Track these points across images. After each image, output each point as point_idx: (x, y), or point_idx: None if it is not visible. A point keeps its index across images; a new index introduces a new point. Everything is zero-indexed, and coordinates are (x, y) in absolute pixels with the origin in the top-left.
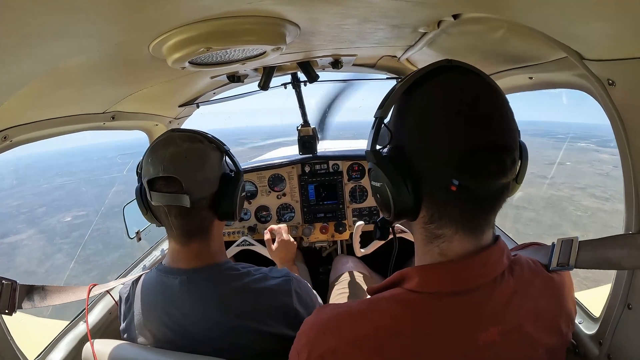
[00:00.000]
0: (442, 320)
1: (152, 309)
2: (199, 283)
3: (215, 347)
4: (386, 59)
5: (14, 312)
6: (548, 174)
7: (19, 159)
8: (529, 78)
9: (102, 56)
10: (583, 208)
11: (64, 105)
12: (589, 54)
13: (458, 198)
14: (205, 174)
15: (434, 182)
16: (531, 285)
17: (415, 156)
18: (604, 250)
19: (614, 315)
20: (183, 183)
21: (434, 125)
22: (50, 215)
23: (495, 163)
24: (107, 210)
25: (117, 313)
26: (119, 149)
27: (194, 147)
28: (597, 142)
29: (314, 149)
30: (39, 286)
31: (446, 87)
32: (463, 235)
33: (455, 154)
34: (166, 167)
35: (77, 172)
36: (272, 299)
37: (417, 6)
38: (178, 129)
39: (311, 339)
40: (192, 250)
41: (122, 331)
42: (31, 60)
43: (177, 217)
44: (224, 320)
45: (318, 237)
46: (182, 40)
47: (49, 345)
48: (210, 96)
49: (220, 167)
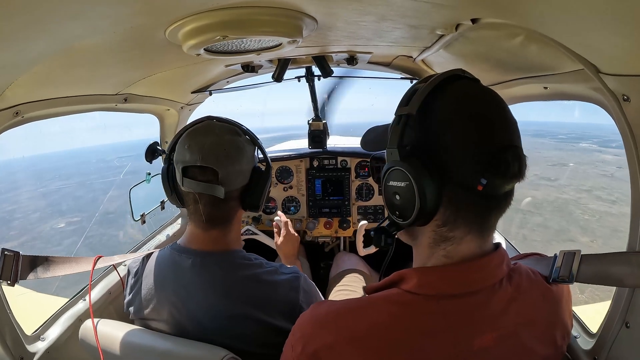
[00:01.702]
0: (438, 322)
1: (161, 285)
2: (209, 267)
3: (217, 332)
4: (401, 59)
5: (16, 283)
6: (552, 175)
7: (17, 161)
8: (543, 88)
9: (118, 38)
10: (590, 211)
11: (77, 85)
12: (606, 67)
13: (479, 198)
14: (240, 167)
15: (459, 182)
16: (529, 294)
17: (442, 155)
18: (606, 266)
19: (611, 333)
20: (220, 174)
21: (459, 126)
22: (43, 222)
23: (518, 163)
24: (101, 217)
25: (116, 294)
26: (118, 151)
27: (233, 139)
28: (598, 143)
29: (324, 143)
30: (43, 257)
31: (468, 91)
32: (473, 237)
33: (483, 154)
34: (205, 156)
35: (73, 176)
36: (279, 292)
37: (436, 8)
38: (215, 117)
39: (306, 333)
40: (211, 235)
41: (127, 303)
42: (46, 39)
43: (206, 205)
44: (228, 306)
45: (321, 232)
46: (198, 27)
47: (47, 321)
48: (224, 84)
49: (253, 160)
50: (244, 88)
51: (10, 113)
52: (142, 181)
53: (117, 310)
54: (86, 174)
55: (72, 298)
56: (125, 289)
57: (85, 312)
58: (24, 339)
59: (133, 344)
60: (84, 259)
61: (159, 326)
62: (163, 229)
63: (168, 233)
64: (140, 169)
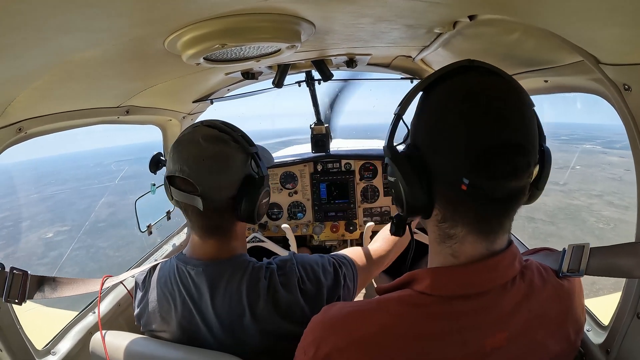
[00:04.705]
0: (450, 324)
1: (168, 296)
2: (214, 275)
3: (226, 339)
4: (401, 59)
5: (23, 302)
6: (560, 179)
7: (14, 165)
8: (544, 81)
9: (117, 50)
10: (604, 219)
11: (78, 99)
12: (606, 58)
13: (470, 198)
14: (223, 179)
15: (446, 180)
16: (541, 291)
17: (428, 154)
18: (615, 258)
19: (623, 325)
20: (198, 187)
21: (447, 124)
22: (32, 231)
23: (508, 164)
24: (91, 226)
25: (125, 305)
26: (116, 155)
27: (216, 150)
28: (602, 144)
29: (327, 147)
30: (50, 277)
31: (463, 86)
32: (475, 237)
33: (468, 153)
34: (183, 168)
35: (69, 181)
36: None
37: (432, 6)
38: (208, 122)
39: (318, 336)
40: (210, 245)
41: (137, 316)
42: (46, 53)
43: (193, 214)
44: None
45: (328, 236)
46: (197, 37)
47: (57, 335)
48: (224, 92)
49: (243, 169)
50: (244, 95)
51: (14, 130)
52: (147, 192)
53: (127, 321)
54: (82, 179)
55: (81, 311)
56: (134, 302)
57: (95, 325)
58: (35, 354)
59: (144, 355)
60: (91, 280)
61: (170, 337)
62: (169, 239)
63: (175, 243)
64: (138, 174)
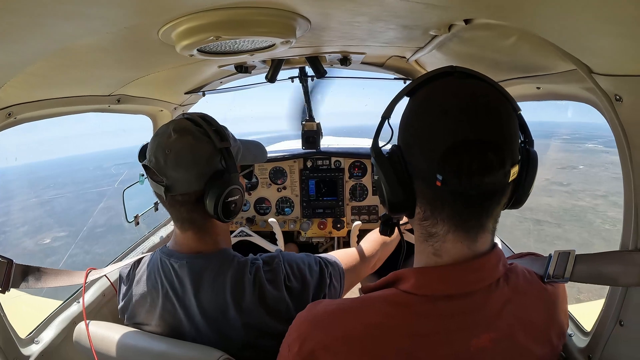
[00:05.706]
0: (435, 323)
1: (152, 290)
2: (197, 268)
3: (210, 333)
4: (395, 59)
5: (7, 291)
6: (563, 180)
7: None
8: (536, 88)
9: (111, 39)
10: (611, 221)
11: (70, 86)
12: (598, 68)
13: (445, 195)
14: (187, 172)
15: (423, 177)
16: (525, 294)
17: (408, 152)
18: (600, 265)
19: (605, 331)
20: (162, 178)
21: (424, 122)
22: (29, 236)
23: (478, 160)
24: (88, 232)
25: (110, 296)
26: (117, 158)
27: (183, 142)
28: (604, 143)
29: (317, 144)
30: (35, 267)
31: (441, 89)
32: (455, 235)
33: (440, 149)
34: (151, 158)
35: (68, 184)
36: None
37: (429, 8)
38: (188, 115)
39: (303, 333)
40: (190, 237)
41: (121, 310)
42: (40, 40)
43: (165, 205)
44: (219, 306)
45: (315, 233)
46: (191, 28)
47: (40, 324)
48: (217, 85)
49: (211, 164)
50: (237, 89)
51: (3, 114)
52: (135, 182)
53: (111, 312)
54: (81, 183)
55: (65, 300)
56: (118, 295)
57: (79, 315)
58: (18, 342)
59: (127, 345)
60: (75, 272)
61: (153, 331)
62: (156, 230)
63: (162, 235)
64: (138, 176)
